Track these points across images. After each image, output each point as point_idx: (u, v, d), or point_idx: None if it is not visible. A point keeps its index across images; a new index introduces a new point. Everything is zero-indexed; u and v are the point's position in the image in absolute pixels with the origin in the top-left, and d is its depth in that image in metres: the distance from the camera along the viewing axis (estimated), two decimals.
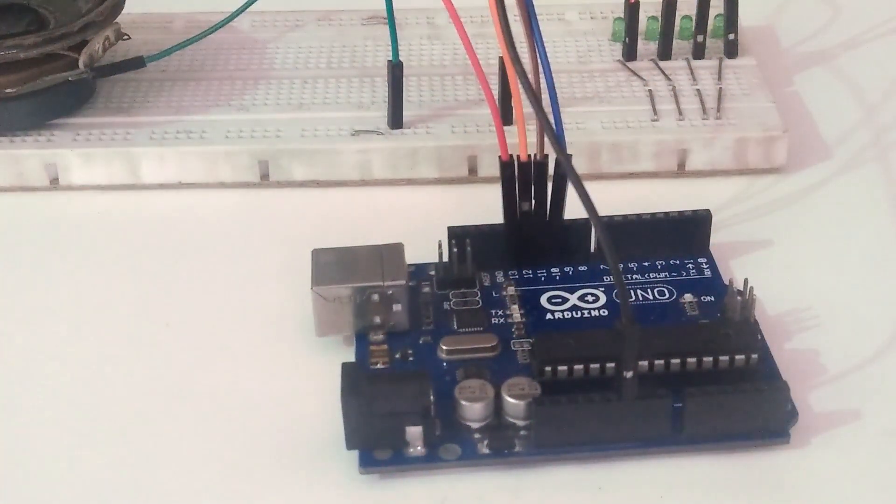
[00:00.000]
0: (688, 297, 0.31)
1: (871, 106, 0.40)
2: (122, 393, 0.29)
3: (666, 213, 0.32)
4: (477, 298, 0.31)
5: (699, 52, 0.40)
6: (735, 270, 0.32)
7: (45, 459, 0.28)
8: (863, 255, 0.33)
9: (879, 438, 0.28)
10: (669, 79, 0.38)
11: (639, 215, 0.32)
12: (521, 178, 0.31)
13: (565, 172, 0.31)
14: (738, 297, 0.30)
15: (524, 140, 0.30)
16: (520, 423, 0.27)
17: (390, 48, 0.36)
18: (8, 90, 0.36)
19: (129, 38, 0.39)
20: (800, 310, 0.31)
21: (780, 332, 0.31)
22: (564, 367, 0.28)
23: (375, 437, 0.27)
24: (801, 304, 0.31)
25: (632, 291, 0.31)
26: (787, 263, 0.33)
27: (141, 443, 0.28)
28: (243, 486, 0.27)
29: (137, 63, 0.38)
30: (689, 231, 0.32)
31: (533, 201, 0.31)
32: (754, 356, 0.28)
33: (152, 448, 0.28)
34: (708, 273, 0.32)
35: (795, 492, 0.27)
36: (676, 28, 0.40)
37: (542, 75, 0.30)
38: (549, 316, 0.31)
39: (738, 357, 0.28)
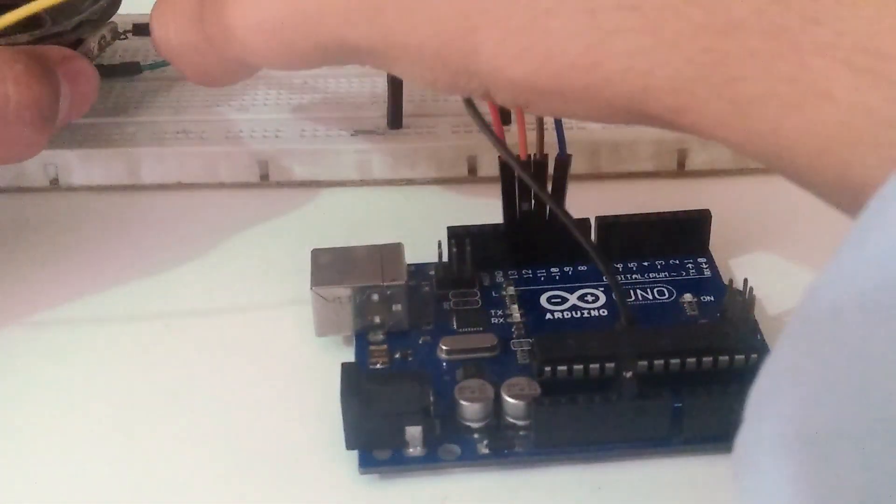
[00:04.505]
0: (688, 297, 0.31)
1: None
2: (121, 393, 0.29)
3: (666, 213, 0.32)
4: (477, 298, 0.31)
5: None
6: (735, 270, 0.32)
7: (43, 459, 0.28)
8: None
9: None
10: None
11: (639, 215, 0.32)
12: (520, 178, 0.31)
13: (563, 175, 0.31)
14: (738, 297, 0.30)
15: (524, 139, 0.30)
16: (520, 423, 0.27)
17: None
18: None
19: (127, 37, 0.39)
20: None
21: (780, 332, 0.30)
22: (564, 367, 0.28)
23: (375, 437, 0.27)
24: None
25: (632, 291, 0.31)
26: (787, 263, 0.33)
27: (140, 443, 0.28)
28: (243, 487, 0.27)
29: (134, 69, 0.38)
30: (689, 231, 0.32)
31: (533, 201, 0.31)
32: (754, 356, 0.28)
33: (151, 448, 0.28)
34: (708, 273, 0.32)
35: None
36: None
37: None
38: (548, 316, 0.31)
39: (738, 357, 0.28)
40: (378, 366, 0.29)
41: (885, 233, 0.16)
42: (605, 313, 0.30)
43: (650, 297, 0.31)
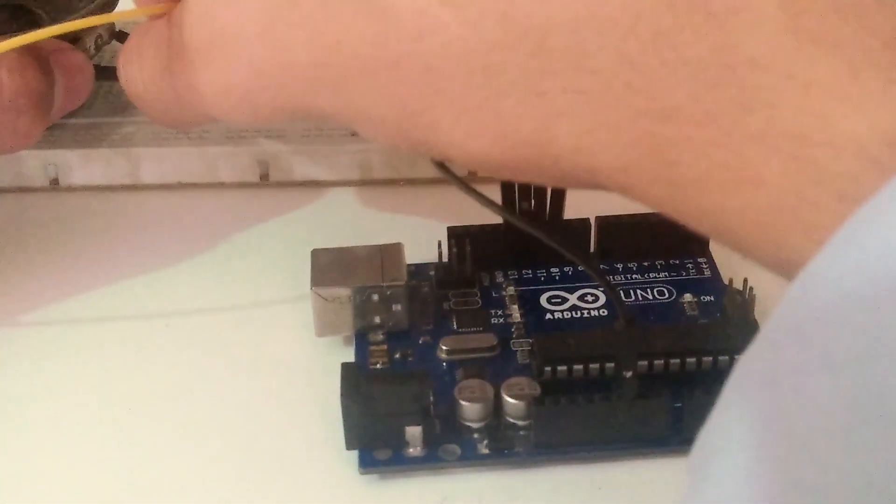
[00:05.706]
0: (687, 297, 0.31)
1: None
2: (121, 393, 0.29)
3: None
4: (477, 298, 0.31)
5: None
6: (735, 270, 0.32)
7: (43, 458, 0.28)
8: None
9: None
10: None
11: (639, 215, 0.32)
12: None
13: None
14: (738, 297, 0.30)
15: None
16: (520, 423, 0.27)
17: None
18: None
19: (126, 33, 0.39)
20: None
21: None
22: (564, 367, 0.28)
23: (375, 437, 0.27)
24: None
25: (632, 291, 0.31)
26: None
27: (139, 443, 0.28)
28: (243, 487, 0.27)
29: None
30: (689, 231, 0.32)
31: (532, 201, 0.31)
32: None
33: (151, 448, 0.28)
34: (708, 273, 0.32)
35: None
36: None
37: None
38: (548, 316, 0.31)
39: (738, 357, 0.28)
40: (378, 366, 0.29)
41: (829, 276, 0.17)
42: (605, 313, 0.30)
43: (650, 297, 0.31)
